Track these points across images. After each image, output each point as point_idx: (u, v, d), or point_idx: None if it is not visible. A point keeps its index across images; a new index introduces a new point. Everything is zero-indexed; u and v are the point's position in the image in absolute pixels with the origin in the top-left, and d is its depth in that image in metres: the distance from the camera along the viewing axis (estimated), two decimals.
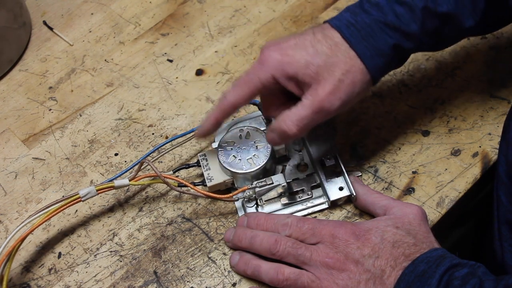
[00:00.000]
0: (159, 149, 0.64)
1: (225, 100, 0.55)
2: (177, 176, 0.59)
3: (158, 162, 0.65)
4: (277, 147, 0.60)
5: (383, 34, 0.53)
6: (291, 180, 0.61)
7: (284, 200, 0.60)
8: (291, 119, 0.52)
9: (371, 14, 0.53)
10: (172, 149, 0.64)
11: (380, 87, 0.68)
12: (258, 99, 0.65)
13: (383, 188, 0.61)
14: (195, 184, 0.58)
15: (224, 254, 0.58)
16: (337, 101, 0.52)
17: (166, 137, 0.67)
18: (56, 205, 0.56)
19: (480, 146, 0.62)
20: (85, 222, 0.61)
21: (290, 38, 0.54)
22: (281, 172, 0.62)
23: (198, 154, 0.62)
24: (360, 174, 0.61)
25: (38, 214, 0.55)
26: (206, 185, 0.60)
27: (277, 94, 0.57)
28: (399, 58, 0.56)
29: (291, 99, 0.55)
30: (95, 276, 0.58)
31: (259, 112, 0.64)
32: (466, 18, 0.54)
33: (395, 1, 0.53)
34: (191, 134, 0.64)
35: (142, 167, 0.61)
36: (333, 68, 0.52)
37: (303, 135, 0.55)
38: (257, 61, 0.54)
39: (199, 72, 0.72)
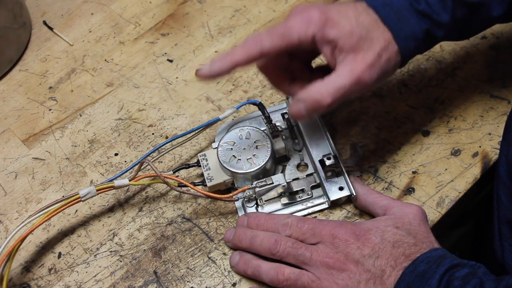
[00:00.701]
0: (159, 149, 0.64)
1: (253, 44, 0.51)
2: (177, 176, 0.59)
3: (158, 162, 0.65)
4: (277, 146, 0.60)
5: (417, 19, 0.53)
6: (291, 180, 0.61)
7: (284, 200, 0.60)
8: (327, 88, 0.50)
9: None
10: (172, 149, 0.64)
11: (380, 87, 0.68)
12: (258, 99, 0.65)
13: (383, 188, 0.61)
14: (195, 184, 0.58)
15: (224, 254, 0.58)
16: (375, 75, 0.51)
17: (166, 137, 0.67)
18: (56, 205, 0.56)
19: (480, 146, 0.63)
20: (85, 222, 0.61)
21: (331, 5, 0.53)
22: (281, 172, 0.62)
23: (198, 154, 0.62)
24: (360, 174, 0.61)
25: (38, 214, 0.55)
26: (206, 185, 0.60)
27: (290, 67, 0.56)
28: (428, 45, 0.56)
29: (301, 76, 0.55)
30: (95, 276, 0.58)
31: (259, 112, 0.64)
32: (494, 7, 0.54)
33: None
34: (191, 134, 0.64)
35: (142, 167, 0.61)
36: (372, 42, 0.51)
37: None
38: (297, 16, 0.52)
39: None
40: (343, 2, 0.55)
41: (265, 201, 0.60)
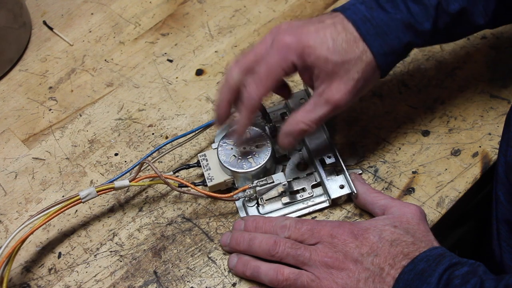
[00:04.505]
0: (159, 149, 0.63)
1: (251, 100, 0.54)
2: (177, 177, 0.59)
3: (158, 162, 0.65)
4: (277, 145, 0.60)
5: (398, 33, 0.53)
6: (291, 179, 0.61)
7: (285, 199, 0.60)
8: (310, 118, 0.53)
9: (387, 11, 0.53)
10: (172, 149, 0.64)
11: (380, 87, 0.68)
12: None
13: (383, 188, 0.61)
14: (195, 184, 0.58)
15: (224, 254, 0.58)
16: (351, 99, 0.53)
17: (166, 137, 0.67)
18: (56, 206, 0.56)
19: (480, 146, 0.63)
20: (85, 222, 0.61)
21: (308, 24, 0.53)
22: (282, 171, 0.62)
23: (198, 154, 0.62)
24: (361, 172, 0.61)
25: (38, 216, 0.55)
26: (206, 185, 0.60)
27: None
28: (406, 54, 0.57)
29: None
30: (95, 276, 0.58)
31: (259, 113, 0.64)
32: (476, 17, 0.55)
33: None
34: (191, 134, 0.64)
35: (142, 168, 0.61)
36: (349, 67, 0.52)
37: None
38: (276, 47, 0.53)
39: (199, 72, 0.72)
40: (324, 16, 0.54)
41: (265, 200, 0.60)
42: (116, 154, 0.66)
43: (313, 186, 0.60)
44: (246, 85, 0.54)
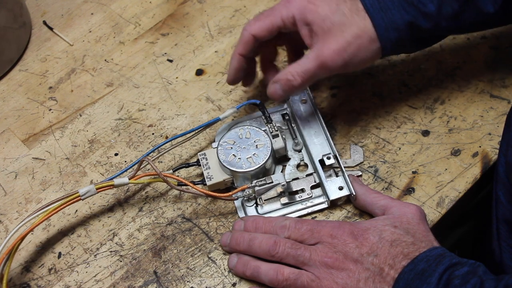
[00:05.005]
0: (159, 148, 0.64)
1: (245, 31, 0.59)
2: (177, 175, 0.59)
3: (158, 161, 0.65)
4: (277, 145, 0.60)
5: (401, 10, 0.55)
6: (290, 180, 0.61)
7: (284, 200, 0.60)
8: (296, 70, 0.56)
9: None
10: (172, 148, 0.64)
11: (380, 87, 0.68)
12: (258, 100, 0.65)
13: (383, 188, 0.61)
14: (195, 183, 0.58)
15: (224, 254, 0.58)
16: (340, 61, 0.55)
17: (166, 137, 0.67)
18: (56, 203, 0.56)
19: (480, 146, 0.62)
20: (85, 222, 0.61)
21: None
22: (281, 172, 0.62)
23: (198, 153, 0.62)
24: (361, 174, 0.61)
25: (38, 213, 0.55)
26: (205, 184, 0.60)
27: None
28: (415, 38, 0.57)
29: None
30: (95, 276, 0.58)
31: (259, 112, 0.64)
32: (485, 3, 0.55)
33: None
34: (191, 134, 0.64)
35: (141, 166, 0.61)
36: (345, 29, 0.55)
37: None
38: (283, 1, 0.58)
39: (199, 72, 0.72)
40: None
41: (264, 200, 0.60)
42: (116, 154, 0.66)
43: (312, 187, 0.60)
44: (246, 24, 0.60)
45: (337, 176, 0.60)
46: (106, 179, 0.60)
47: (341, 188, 0.59)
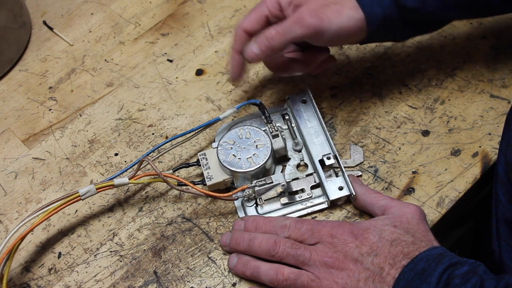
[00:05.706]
0: (159, 148, 0.64)
1: (238, 28, 0.60)
2: (177, 175, 0.59)
3: (158, 162, 0.65)
4: (277, 145, 0.60)
5: None
6: (290, 180, 0.61)
7: (284, 200, 0.60)
8: (275, 28, 0.57)
9: None
10: (172, 148, 0.64)
11: (380, 87, 0.68)
12: (258, 100, 0.65)
13: (383, 188, 0.61)
14: (194, 183, 0.58)
15: (224, 254, 0.58)
16: (315, 19, 0.55)
17: (166, 137, 0.67)
18: (56, 203, 0.56)
19: (480, 146, 0.62)
20: (85, 222, 0.61)
21: None
22: (281, 172, 0.62)
23: (198, 153, 0.62)
24: (361, 174, 0.61)
25: (38, 213, 0.55)
26: (205, 184, 0.60)
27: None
28: (403, 19, 0.57)
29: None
30: (95, 276, 0.58)
31: (259, 112, 0.64)
32: None
33: None
34: (191, 134, 0.64)
35: (141, 166, 0.61)
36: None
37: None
38: None
39: (199, 72, 0.72)
40: None
41: (264, 200, 0.60)
42: (116, 154, 0.66)
43: (312, 187, 0.60)
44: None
45: (337, 176, 0.60)
46: (106, 179, 0.60)
47: (341, 188, 0.59)
